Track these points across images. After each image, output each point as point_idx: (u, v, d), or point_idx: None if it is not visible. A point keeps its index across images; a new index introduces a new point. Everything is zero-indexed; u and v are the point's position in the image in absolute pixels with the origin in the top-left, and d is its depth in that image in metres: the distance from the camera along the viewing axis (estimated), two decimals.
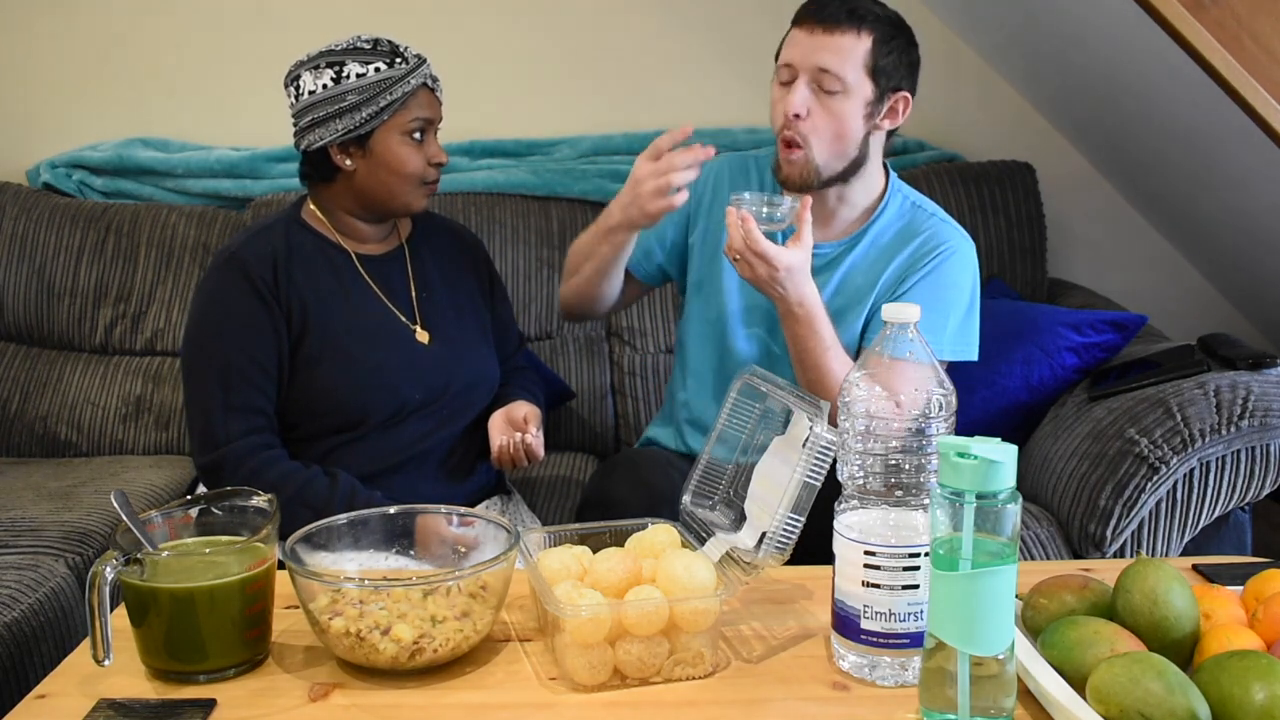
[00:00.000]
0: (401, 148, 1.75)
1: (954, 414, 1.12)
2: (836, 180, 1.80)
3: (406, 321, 1.83)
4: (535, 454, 1.79)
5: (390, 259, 1.87)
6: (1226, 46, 1.84)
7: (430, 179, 1.80)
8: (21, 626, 1.70)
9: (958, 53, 2.81)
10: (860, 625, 1.13)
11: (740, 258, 1.65)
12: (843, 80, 1.73)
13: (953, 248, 1.83)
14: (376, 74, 1.72)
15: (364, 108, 1.72)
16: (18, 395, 2.53)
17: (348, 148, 1.76)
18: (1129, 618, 1.12)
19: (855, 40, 1.73)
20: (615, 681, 1.14)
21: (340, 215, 1.83)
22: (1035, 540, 1.94)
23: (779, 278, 1.64)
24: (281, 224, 1.83)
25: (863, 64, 1.73)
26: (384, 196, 1.79)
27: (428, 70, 1.78)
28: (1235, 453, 1.87)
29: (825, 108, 1.74)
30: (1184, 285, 2.90)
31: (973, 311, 1.84)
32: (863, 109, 1.76)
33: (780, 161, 1.80)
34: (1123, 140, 2.63)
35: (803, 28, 1.75)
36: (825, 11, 1.73)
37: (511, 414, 1.83)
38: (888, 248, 1.85)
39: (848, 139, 1.77)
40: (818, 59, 1.72)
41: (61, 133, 2.82)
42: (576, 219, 2.66)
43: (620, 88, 2.83)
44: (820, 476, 1.17)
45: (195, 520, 1.25)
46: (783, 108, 1.76)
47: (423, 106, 1.76)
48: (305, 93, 1.74)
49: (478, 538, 1.31)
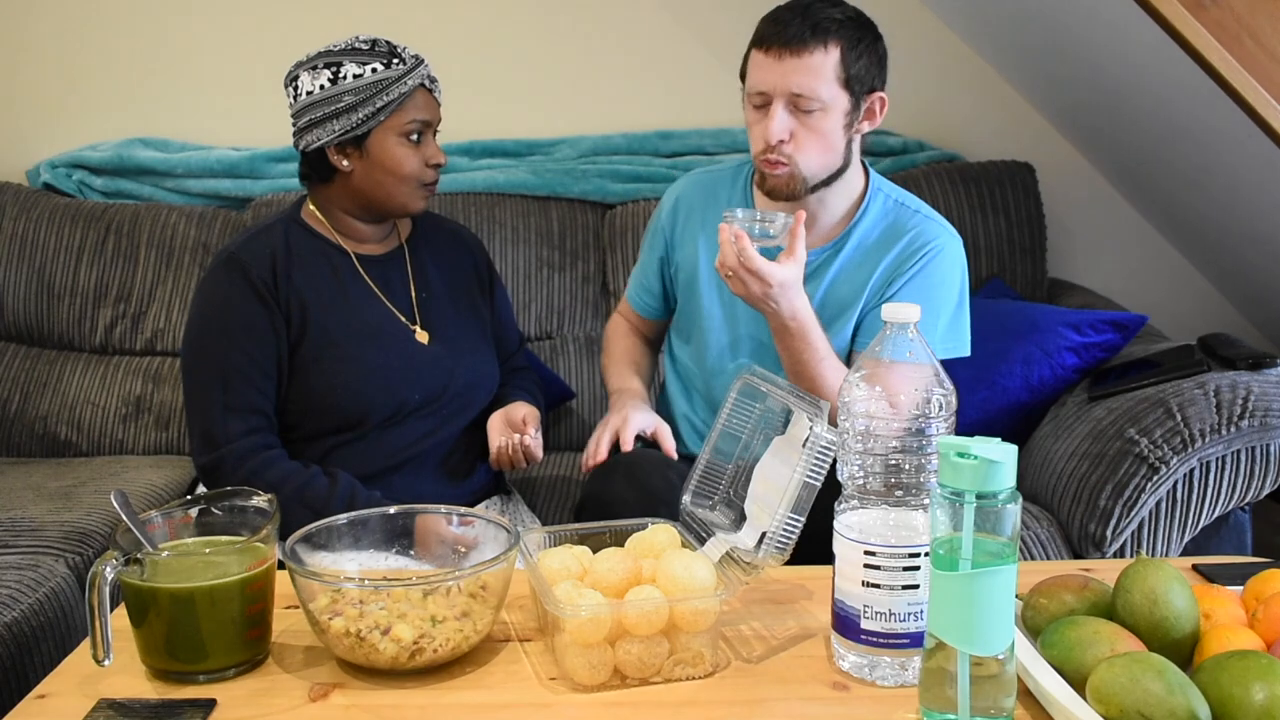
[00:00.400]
0: (398, 149, 1.75)
1: (954, 414, 1.12)
2: (820, 187, 1.79)
3: (406, 322, 1.83)
4: (534, 455, 1.79)
5: (390, 259, 1.87)
6: (1226, 46, 1.84)
7: (428, 180, 1.79)
8: (21, 626, 1.70)
9: (958, 53, 2.81)
10: (860, 625, 1.13)
11: (734, 274, 1.64)
12: (820, 99, 1.71)
13: (939, 246, 1.81)
14: (373, 74, 1.72)
15: (360, 108, 1.72)
16: (18, 395, 2.53)
17: (345, 148, 1.76)
18: (1129, 618, 1.12)
19: (824, 56, 1.70)
20: (615, 681, 1.14)
21: (339, 215, 1.83)
22: (1035, 540, 1.94)
23: (772, 294, 1.64)
24: (281, 224, 1.82)
25: (835, 78, 1.71)
26: (381, 197, 1.79)
27: (425, 71, 1.77)
28: (1235, 453, 1.87)
29: (806, 126, 1.73)
30: (1184, 285, 2.90)
31: (962, 307, 1.83)
32: (843, 119, 1.75)
33: (765, 174, 1.78)
34: (1123, 140, 2.63)
35: (768, 52, 1.72)
36: (788, 32, 1.70)
37: (510, 415, 1.83)
38: (873, 249, 1.84)
39: (832, 151, 1.76)
40: (790, 84, 1.70)
41: (61, 133, 2.82)
42: (576, 219, 2.66)
43: (620, 88, 2.83)
44: (820, 476, 1.17)
45: (195, 520, 1.25)
46: (762, 134, 1.74)
47: (420, 108, 1.76)
48: (303, 93, 1.74)
49: (477, 538, 1.31)
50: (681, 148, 2.80)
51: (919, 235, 1.82)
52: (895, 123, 2.83)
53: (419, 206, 1.82)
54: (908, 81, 2.82)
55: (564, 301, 2.62)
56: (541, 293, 2.61)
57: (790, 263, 1.64)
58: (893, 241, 1.83)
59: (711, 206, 1.91)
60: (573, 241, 2.64)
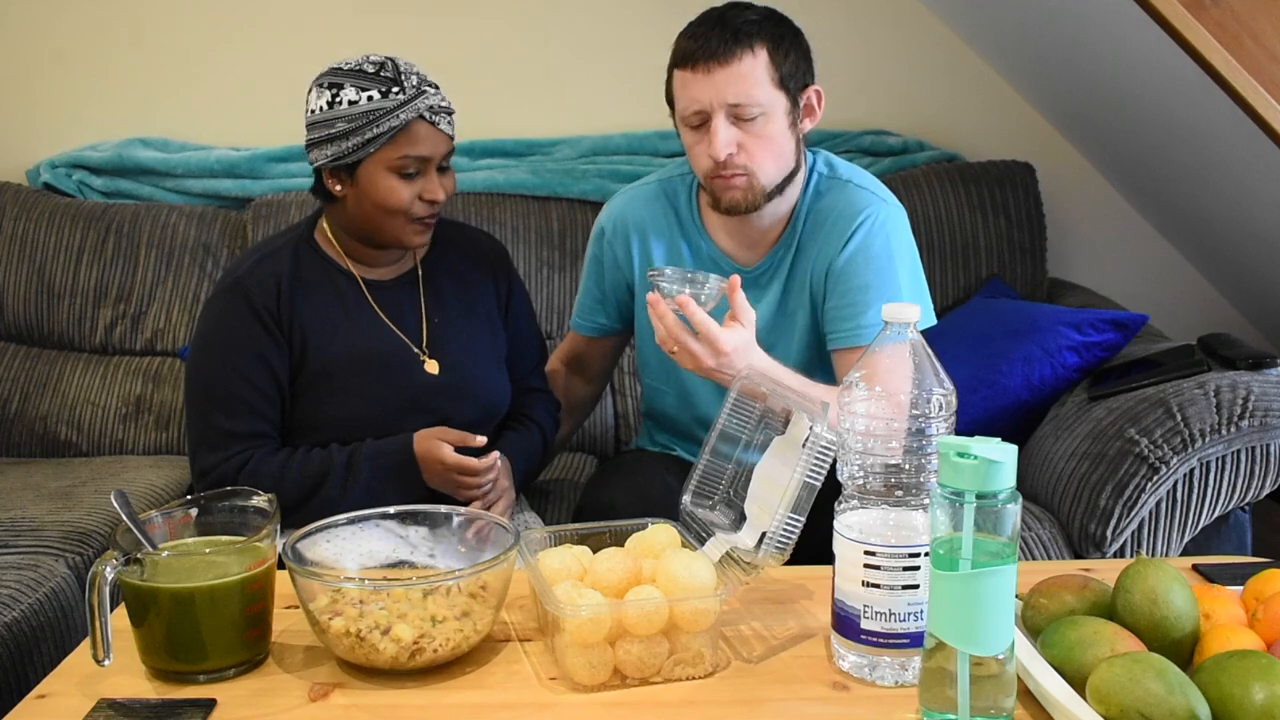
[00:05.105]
0: (387, 181, 1.67)
1: (954, 414, 1.12)
2: (775, 194, 1.75)
3: (416, 350, 1.78)
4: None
5: (401, 284, 1.80)
6: (1226, 46, 1.84)
7: (418, 215, 1.70)
8: (21, 626, 1.70)
9: (958, 53, 2.81)
10: (860, 625, 1.13)
11: (680, 348, 1.54)
12: (759, 103, 1.66)
13: (870, 214, 1.74)
14: (368, 103, 1.64)
15: (351, 137, 1.65)
16: (18, 395, 2.53)
17: (338, 174, 1.70)
18: (1129, 618, 1.12)
19: (753, 59, 1.66)
20: (615, 681, 1.14)
21: (345, 238, 1.78)
22: (1035, 540, 1.94)
23: (726, 362, 1.53)
24: (291, 247, 1.77)
25: (769, 79, 1.68)
26: (371, 229, 1.72)
27: (427, 103, 1.67)
28: (1235, 453, 1.87)
29: (752, 135, 1.68)
30: (1184, 285, 2.90)
31: (916, 276, 1.78)
32: (786, 120, 1.71)
33: (718, 192, 1.73)
34: (1123, 140, 2.64)
35: (694, 69, 1.67)
36: (711, 44, 1.66)
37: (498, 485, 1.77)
38: (812, 232, 1.78)
39: (784, 155, 1.72)
40: (726, 95, 1.65)
41: (61, 133, 2.82)
42: (576, 219, 2.66)
43: (620, 88, 2.83)
44: (820, 476, 1.17)
45: (195, 520, 1.25)
46: (708, 152, 1.69)
47: (415, 143, 1.66)
48: (308, 110, 1.70)
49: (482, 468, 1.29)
50: (681, 148, 2.79)
51: (849, 206, 1.76)
52: (895, 123, 2.83)
53: (416, 241, 1.73)
54: (908, 81, 2.83)
55: (564, 301, 2.62)
56: (541, 293, 2.61)
57: (737, 326, 1.55)
58: (824, 220, 1.78)
59: (664, 222, 1.87)
60: (573, 241, 2.64)
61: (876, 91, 2.82)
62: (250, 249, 1.82)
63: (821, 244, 1.78)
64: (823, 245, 1.77)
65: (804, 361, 1.81)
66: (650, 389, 1.99)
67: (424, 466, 1.68)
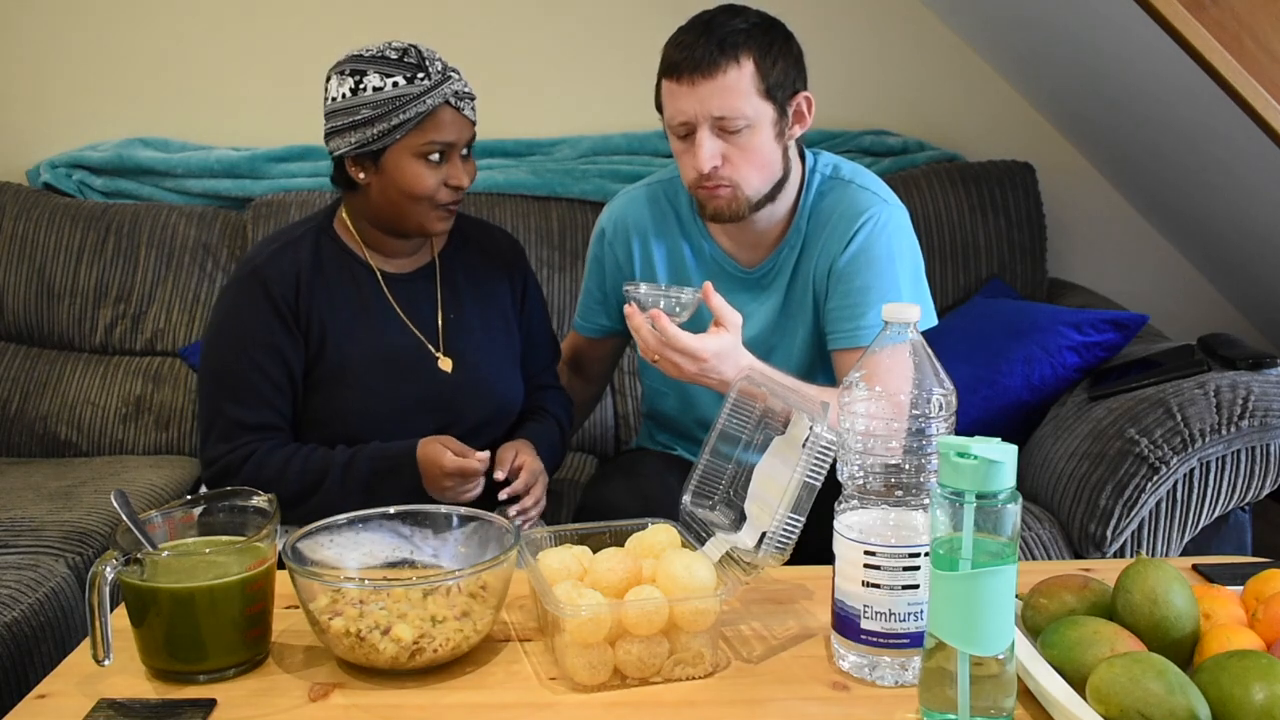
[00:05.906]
0: (413, 167, 1.66)
1: (954, 414, 1.12)
2: (765, 202, 1.74)
3: (430, 348, 1.77)
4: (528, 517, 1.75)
5: (418, 278, 1.80)
6: (1226, 46, 1.84)
7: (443, 201, 1.70)
8: (21, 626, 1.70)
9: (958, 53, 2.81)
10: (860, 625, 1.13)
11: (660, 358, 1.55)
12: (744, 116, 1.64)
13: (872, 215, 1.73)
14: (394, 89, 1.63)
15: (376, 124, 1.64)
16: (18, 395, 2.53)
17: (362, 161, 1.69)
18: (1129, 618, 1.12)
19: (739, 72, 1.64)
20: (615, 681, 1.14)
21: (366, 227, 1.77)
22: (1035, 540, 1.94)
23: (708, 368, 1.54)
24: (310, 236, 1.76)
25: (755, 91, 1.65)
26: (395, 216, 1.72)
27: (452, 88, 1.66)
28: (1235, 453, 1.87)
29: (737, 147, 1.66)
30: (1184, 285, 2.90)
31: (918, 277, 1.77)
32: (772, 131, 1.69)
33: (703, 201, 1.72)
34: (1123, 140, 2.64)
35: (679, 80, 1.66)
36: (697, 55, 1.63)
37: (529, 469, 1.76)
38: (814, 234, 1.78)
39: (770, 166, 1.71)
40: (710, 108, 1.64)
41: (61, 133, 2.82)
42: (576, 219, 2.66)
43: (620, 88, 2.82)
44: (820, 476, 1.17)
45: (195, 520, 1.25)
46: (693, 164, 1.67)
47: (441, 128, 1.66)
48: (329, 98, 1.69)
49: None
50: None
51: (851, 207, 1.75)
52: (895, 123, 2.83)
53: (438, 228, 1.73)
54: (908, 81, 2.83)
55: (564, 301, 2.62)
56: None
57: (721, 331, 1.55)
58: (826, 220, 1.77)
59: (664, 223, 1.87)
60: (573, 241, 2.64)
61: (876, 91, 2.82)
62: (269, 236, 1.80)
63: (824, 244, 1.77)
64: (825, 245, 1.77)
65: (806, 362, 1.81)
66: (651, 390, 1.99)
67: (425, 473, 1.68)
